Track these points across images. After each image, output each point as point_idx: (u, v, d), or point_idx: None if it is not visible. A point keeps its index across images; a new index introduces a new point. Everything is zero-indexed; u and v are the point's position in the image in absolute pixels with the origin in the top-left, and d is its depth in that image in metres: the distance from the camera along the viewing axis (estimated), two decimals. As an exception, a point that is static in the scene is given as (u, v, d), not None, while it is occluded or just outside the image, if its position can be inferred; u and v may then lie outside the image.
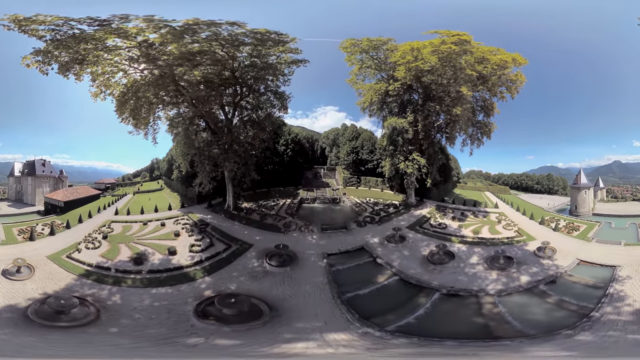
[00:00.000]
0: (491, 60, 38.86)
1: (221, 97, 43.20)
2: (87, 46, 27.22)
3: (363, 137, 61.93)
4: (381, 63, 45.13)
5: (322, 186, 61.83)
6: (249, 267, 30.69)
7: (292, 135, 60.10)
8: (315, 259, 33.04)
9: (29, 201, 45.28)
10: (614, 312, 16.56)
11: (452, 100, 42.27)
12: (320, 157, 72.52)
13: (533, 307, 20.70)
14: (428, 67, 39.07)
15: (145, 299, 22.06)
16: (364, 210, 48.26)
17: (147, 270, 25.79)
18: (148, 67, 33.39)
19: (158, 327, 18.39)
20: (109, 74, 31.49)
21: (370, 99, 46.54)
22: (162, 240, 33.36)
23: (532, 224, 39.57)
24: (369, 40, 42.38)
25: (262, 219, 44.16)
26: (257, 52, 36.99)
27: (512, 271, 25.80)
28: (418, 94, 46.31)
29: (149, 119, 38.04)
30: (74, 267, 24.94)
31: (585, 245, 30.70)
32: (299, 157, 62.49)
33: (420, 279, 27.99)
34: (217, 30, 31.42)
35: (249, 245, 35.10)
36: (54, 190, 46.31)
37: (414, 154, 45.88)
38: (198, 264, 29.11)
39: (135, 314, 19.56)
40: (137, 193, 55.78)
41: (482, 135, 45.41)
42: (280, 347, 17.86)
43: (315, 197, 56.26)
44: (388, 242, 36.75)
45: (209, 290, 24.93)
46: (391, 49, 41.97)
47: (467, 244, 34.86)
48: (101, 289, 22.40)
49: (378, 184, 58.42)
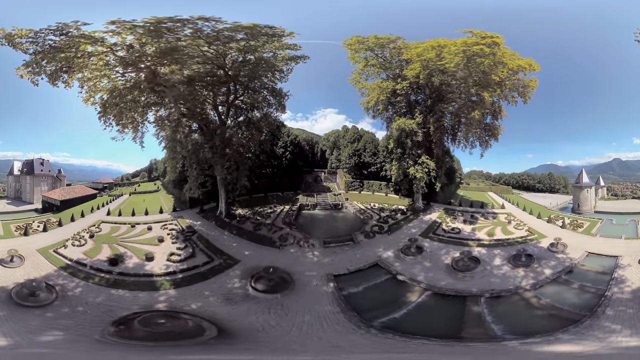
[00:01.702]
0: (508, 65, 37.52)
1: (215, 97, 41.35)
2: (68, 54, 27.81)
3: (365, 139, 59.92)
4: (386, 62, 43.61)
5: (322, 191, 58.52)
6: (227, 287, 26.43)
7: (291, 137, 57.25)
8: (318, 282, 27.78)
9: (27, 199, 46.32)
10: (619, 291, 21.79)
11: (465, 102, 41.34)
12: (320, 160, 69.91)
13: (566, 293, 24.02)
14: (454, 67, 36.92)
15: (100, 296, 23.10)
16: (370, 218, 44.62)
17: (118, 272, 26.35)
18: (128, 71, 32.59)
19: (82, 323, 19.58)
20: (95, 79, 31.11)
21: (377, 98, 44.35)
22: (143, 245, 32.57)
23: (540, 222, 40.80)
24: (376, 38, 40.83)
25: (256, 229, 39.89)
26: (247, 48, 34.57)
27: (535, 267, 27.68)
28: (426, 94, 44.83)
29: (136, 122, 35.34)
30: (57, 260, 27.11)
31: (591, 239, 33.41)
32: (299, 160, 59.59)
33: (456, 288, 26.06)
34: (198, 27, 30.01)
35: (234, 262, 30.72)
36: (52, 188, 47.27)
37: (423, 157, 44.22)
38: (170, 274, 27.25)
39: (80, 306, 21.15)
40: (133, 194, 54.96)
41: (490, 138, 44.22)
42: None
43: (315, 203, 52.56)
44: (404, 254, 32.92)
45: (164, 303, 23.20)
46: (398, 48, 40.60)
47: (485, 246, 34.04)
48: (71, 281, 24.48)
49: (382, 188, 56.13)
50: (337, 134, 68.04)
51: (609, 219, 40.32)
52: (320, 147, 71.05)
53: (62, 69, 28.04)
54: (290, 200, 52.55)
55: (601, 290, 22.65)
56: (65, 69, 28.20)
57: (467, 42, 35.84)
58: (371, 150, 58.54)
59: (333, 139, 68.45)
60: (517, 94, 40.16)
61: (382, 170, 56.36)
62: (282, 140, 55.07)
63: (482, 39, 35.66)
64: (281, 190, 55.15)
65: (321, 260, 32.40)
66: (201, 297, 24.20)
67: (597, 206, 47.62)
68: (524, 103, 40.29)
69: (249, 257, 32.03)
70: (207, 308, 22.80)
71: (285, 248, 35.18)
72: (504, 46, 36.63)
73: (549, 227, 38.62)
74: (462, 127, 44.10)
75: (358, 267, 30.72)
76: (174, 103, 37.12)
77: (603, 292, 22.08)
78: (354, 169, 59.05)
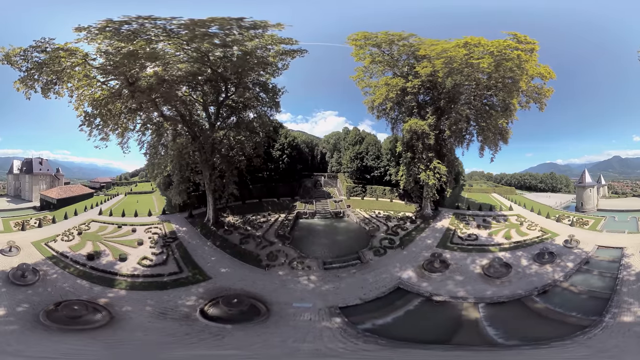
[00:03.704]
0: (529, 72, 36.28)
1: (204, 97, 39.51)
2: (55, 68, 29.45)
3: (367, 141, 56.42)
4: (393, 60, 41.16)
5: (322, 197, 55.02)
6: (176, 303, 23.73)
7: (289, 139, 53.33)
8: (315, 316, 21.84)
9: (26, 197, 47.97)
10: (628, 275, 25.73)
11: (482, 106, 40.21)
12: (320, 163, 67.36)
13: (592, 280, 26.85)
14: (487, 68, 34.79)
15: (67, 283, 25.72)
16: (376, 229, 40.19)
17: (90, 266, 28.45)
18: (108, 79, 32.85)
19: (44, 301, 22.37)
20: (82, 88, 31.88)
21: (385, 95, 41.10)
22: (123, 246, 33.30)
23: (549, 222, 42.07)
24: (386, 34, 38.48)
25: (242, 242, 35.96)
26: (227, 42, 32.73)
27: (558, 262, 29.71)
28: (437, 95, 42.39)
29: (122, 127, 35.06)
30: (46, 252, 30.54)
31: (599, 235, 36.58)
32: (297, 164, 55.87)
33: (505, 294, 25.06)
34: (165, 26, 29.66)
35: (204, 278, 27.83)
36: (50, 187, 48.53)
37: (434, 162, 41.74)
38: (133, 277, 27.36)
39: (49, 287, 24.55)
40: (129, 194, 54.07)
41: (500, 141, 42.21)
42: None
43: (314, 211, 47.96)
44: (429, 271, 28.93)
45: (106, 300, 23.48)
46: (409, 45, 38.78)
47: (507, 250, 33.67)
48: (52, 268, 27.67)
49: (386, 194, 52.99)
50: (338, 135, 65.47)
51: (612, 216, 42.45)
52: (320, 150, 68.46)
53: (52, 81, 30.02)
54: (286, 208, 48.59)
55: (614, 275, 26.44)
56: (55, 81, 30.13)
57: (502, 44, 34.24)
58: (374, 153, 55.36)
59: (333, 141, 65.99)
60: (532, 100, 38.83)
61: (385, 175, 53.57)
62: (279, 142, 51.64)
63: (523, 44, 34.68)
64: (277, 197, 51.61)
65: (320, 287, 26.47)
66: (141, 304, 23.24)
67: (600, 204, 49.24)
68: (539, 110, 39.13)
69: (223, 276, 28.29)
70: (136, 314, 21.95)
71: (272, 269, 30.11)
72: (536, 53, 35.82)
73: (559, 226, 40.04)
74: (481, 132, 41.56)
75: (376, 295, 25.30)
76: (153, 107, 35.75)
77: (616, 275, 26.01)
78: (356, 173, 55.86)
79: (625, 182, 64.11)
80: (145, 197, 52.60)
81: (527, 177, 64.96)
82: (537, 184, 63.25)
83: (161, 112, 37.00)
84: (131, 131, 36.19)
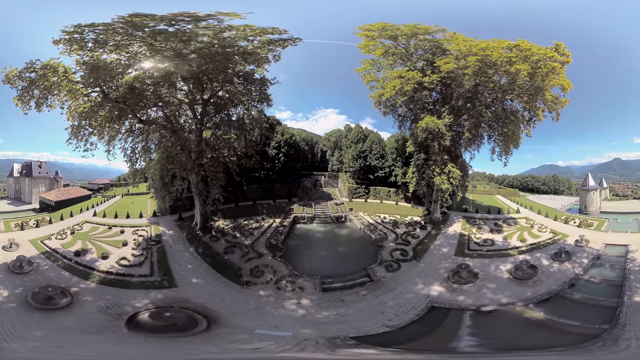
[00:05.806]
0: (551, 82, 35.78)
1: (188, 96, 38.22)
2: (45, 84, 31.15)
3: (371, 139, 53.68)
4: (407, 54, 39.23)
5: (322, 198, 52.02)
6: (128, 302, 24.48)
7: (287, 136, 50.32)
8: (286, 346, 18.39)
9: (26, 200, 49.79)
10: (634, 266, 29.28)
11: (502, 110, 39.54)
12: (320, 161, 65.11)
13: (607, 273, 29.75)
14: (526, 76, 33.93)
15: (53, 273, 29.07)
16: (384, 237, 37.44)
17: (75, 261, 31.47)
18: (89, 91, 33.48)
19: (33, 285, 25.86)
20: (71, 101, 33.27)
21: (398, 88, 38.36)
22: (108, 245, 35.64)
23: (557, 223, 43.35)
24: (413, 26, 36.38)
25: (226, 252, 33.84)
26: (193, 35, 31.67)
27: (574, 259, 32.08)
28: (452, 94, 40.68)
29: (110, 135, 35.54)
30: (41, 248, 33.93)
31: (605, 234, 38.85)
32: (296, 163, 53.18)
33: (542, 292, 26.00)
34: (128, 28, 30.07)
35: (170, 285, 27.48)
36: (49, 190, 50.37)
37: (449, 166, 40.08)
38: (107, 273, 29.78)
39: (39, 276, 28.11)
40: (125, 195, 53.26)
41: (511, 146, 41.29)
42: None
43: (313, 216, 44.90)
44: (458, 284, 26.72)
45: (76, 288, 26.36)
46: (434, 40, 37.43)
47: (524, 252, 34.30)
48: (44, 260, 31.22)
49: (391, 196, 50.29)
50: (339, 133, 62.88)
51: (614, 218, 44.33)
52: (320, 148, 66.02)
53: (44, 96, 31.85)
54: (282, 211, 45.53)
55: (623, 266, 29.94)
56: (46, 96, 31.93)
57: (548, 54, 33.96)
58: (378, 152, 52.59)
59: (334, 139, 63.34)
60: (549, 109, 38.34)
61: (390, 176, 51.12)
62: (275, 139, 48.80)
63: (560, 55, 34.69)
64: (274, 198, 48.90)
65: (314, 315, 21.91)
66: (100, 297, 25.35)
67: (602, 207, 50.15)
68: (554, 120, 38.68)
69: (191, 287, 27.07)
70: (89, 304, 24.02)
71: (252, 288, 26.24)
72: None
73: (567, 227, 41.70)
74: (502, 138, 40.59)
75: (410, 319, 21.72)
76: (131, 115, 35.71)
77: (624, 267, 29.58)
78: (359, 173, 53.28)
79: (626, 184, 64.05)
80: (141, 198, 51.58)
81: (529, 178, 64.59)
82: (540, 185, 63.03)
83: (140, 119, 36.43)
84: (118, 139, 37.15)
